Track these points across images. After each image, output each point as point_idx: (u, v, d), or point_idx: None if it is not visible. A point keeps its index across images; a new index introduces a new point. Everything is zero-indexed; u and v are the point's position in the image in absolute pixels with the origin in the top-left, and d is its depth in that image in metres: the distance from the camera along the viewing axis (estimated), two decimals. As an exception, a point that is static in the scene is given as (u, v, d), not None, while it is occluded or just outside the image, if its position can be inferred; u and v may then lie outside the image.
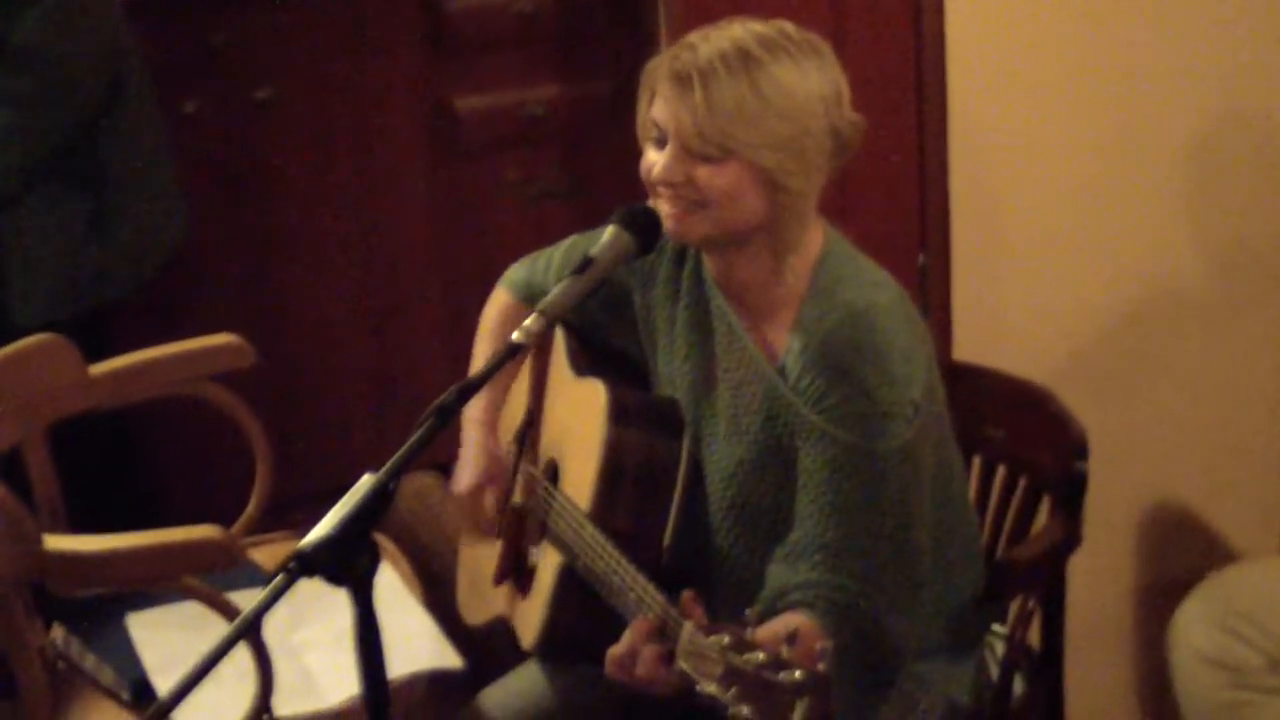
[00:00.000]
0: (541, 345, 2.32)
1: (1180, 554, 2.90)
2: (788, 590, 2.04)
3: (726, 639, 1.65)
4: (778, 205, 2.05)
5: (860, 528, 2.04)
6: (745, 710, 1.58)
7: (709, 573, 2.19)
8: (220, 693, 2.00)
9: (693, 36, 2.07)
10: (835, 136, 2.06)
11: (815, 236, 2.14)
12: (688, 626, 1.75)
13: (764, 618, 1.84)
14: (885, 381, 2.04)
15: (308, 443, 3.81)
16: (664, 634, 1.82)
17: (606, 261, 2.00)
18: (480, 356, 2.47)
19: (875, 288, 2.11)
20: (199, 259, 3.65)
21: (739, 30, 2.06)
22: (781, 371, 2.11)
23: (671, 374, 2.26)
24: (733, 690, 1.61)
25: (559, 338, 2.39)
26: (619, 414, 2.18)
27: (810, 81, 2.03)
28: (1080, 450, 2.40)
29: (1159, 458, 2.85)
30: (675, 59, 2.05)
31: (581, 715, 2.35)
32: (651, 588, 1.93)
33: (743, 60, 2.01)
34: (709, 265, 2.20)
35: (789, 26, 2.08)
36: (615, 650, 1.89)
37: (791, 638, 1.60)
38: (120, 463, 3.31)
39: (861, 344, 2.05)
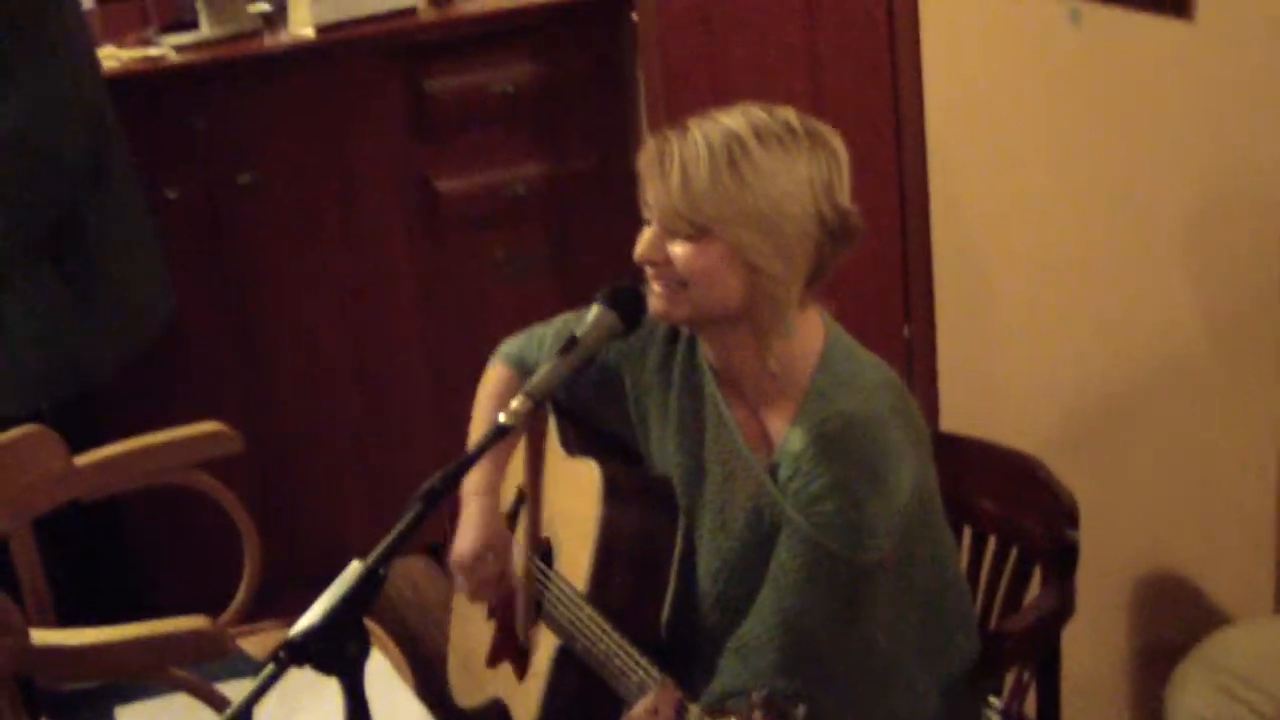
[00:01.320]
0: (534, 425, 2.32)
1: (1174, 618, 2.88)
2: (738, 682, 2.03)
3: None
4: (755, 289, 2.04)
5: (822, 636, 2.04)
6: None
7: (700, 655, 2.18)
8: (211, 784, 1.98)
9: (691, 119, 2.08)
10: (822, 224, 2.05)
11: (813, 328, 2.13)
12: (694, 710, 1.75)
13: (713, 711, 1.83)
14: (877, 494, 2.03)
15: (297, 526, 3.80)
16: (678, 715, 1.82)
17: (591, 341, 2.01)
18: (476, 431, 2.46)
19: (877, 391, 2.10)
20: (186, 342, 3.65)
21: (737, 116, 2.06)
22: (773, 469, 2.10)
23: (663, 458, 2.25)
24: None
25: (550, 419, 2.38)
26: (612, 492, 2.18)
27: (797, 167, 2.03)
28: (1071, 519, 2.40)
29: (1150, 523, 2.85)
30: (664, 140, 2.06)
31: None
32: (655, 670, 1.92)
33: (727, 142, 2.02)
34: (705, 350, 2.20)
35: (792, 115, 2.08)
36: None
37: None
38: (108, 549, 3.30)
39: (860, 455, 2.04)
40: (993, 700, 2.41)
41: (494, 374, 2.48)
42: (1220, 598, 2.75)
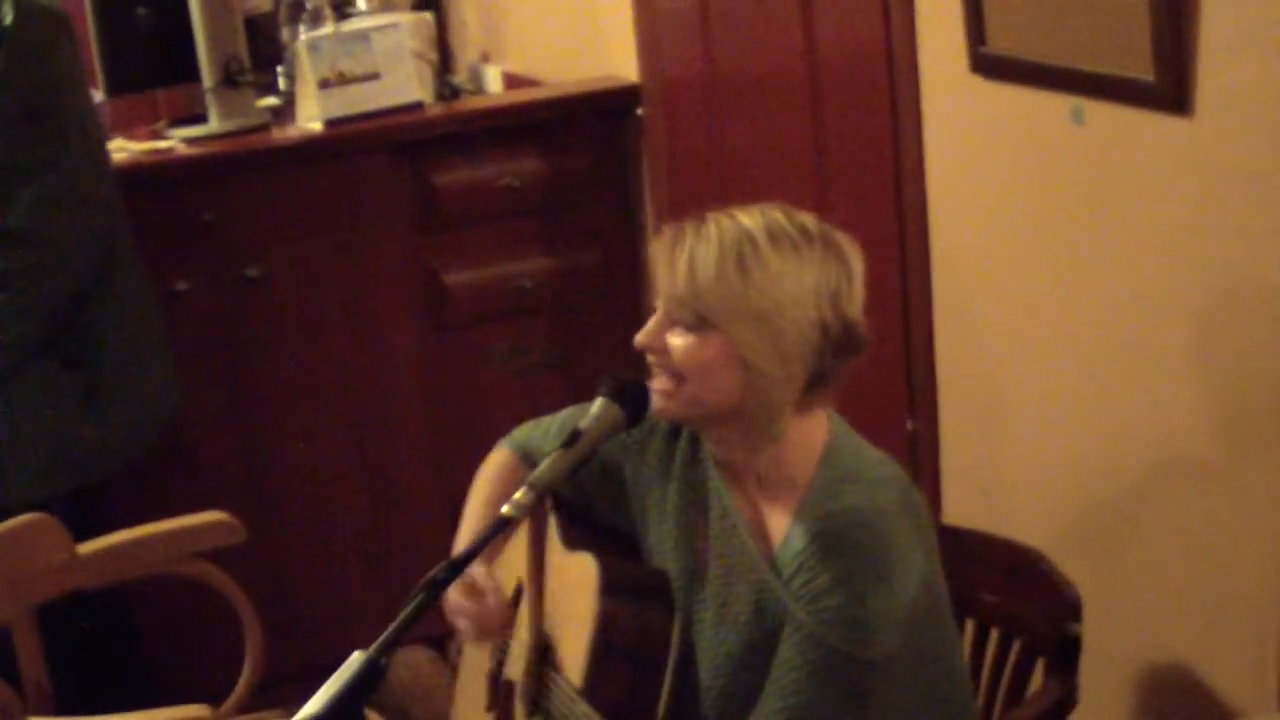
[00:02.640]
0: (535, 517, 2.32)
1: (1177, 713, 2.87)
2: None
3: None
4: (750, 388, 2.04)
5: None
6: None
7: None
8: None
9: (711, 214, 2.09)
10: (824, 331, 2.05)
11: (817, 426, 2.13)
12: None
13: None
14: (882, 590, 2.01)
15: (299, 617, 3.79)
16: None
17: (595, 434, 2.02)
18: (471, 513, 2.45)
19: (883, 486, 2.09)
20: (192, 433, 3.66)
21: (756, 215, 2.07)
22: (775, 564, 2.09)
23: (663, 553, 2.24)
24: None
25: (550, 512, 2.38)
26: (610, 587, 2.17)
27: (805, 272, 2.04)
28: (1074, 612, 2.39)
29: (1153, 618, 2.84)
30: (681, 229, 2.08)
31: None
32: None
33: (738, 239, 2.03)
34: (708, 444, 2.20)
35: (810, 221, 2.09)
36: None
37: None
38: (110, 637, 3.29)
39: (864, 551, 2.03)
40: (996, 795, 2.40)
41: (496, 458, 2.49)
42: (1224, 693, 2.74)
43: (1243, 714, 2.73)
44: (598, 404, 2.05)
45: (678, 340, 2.05)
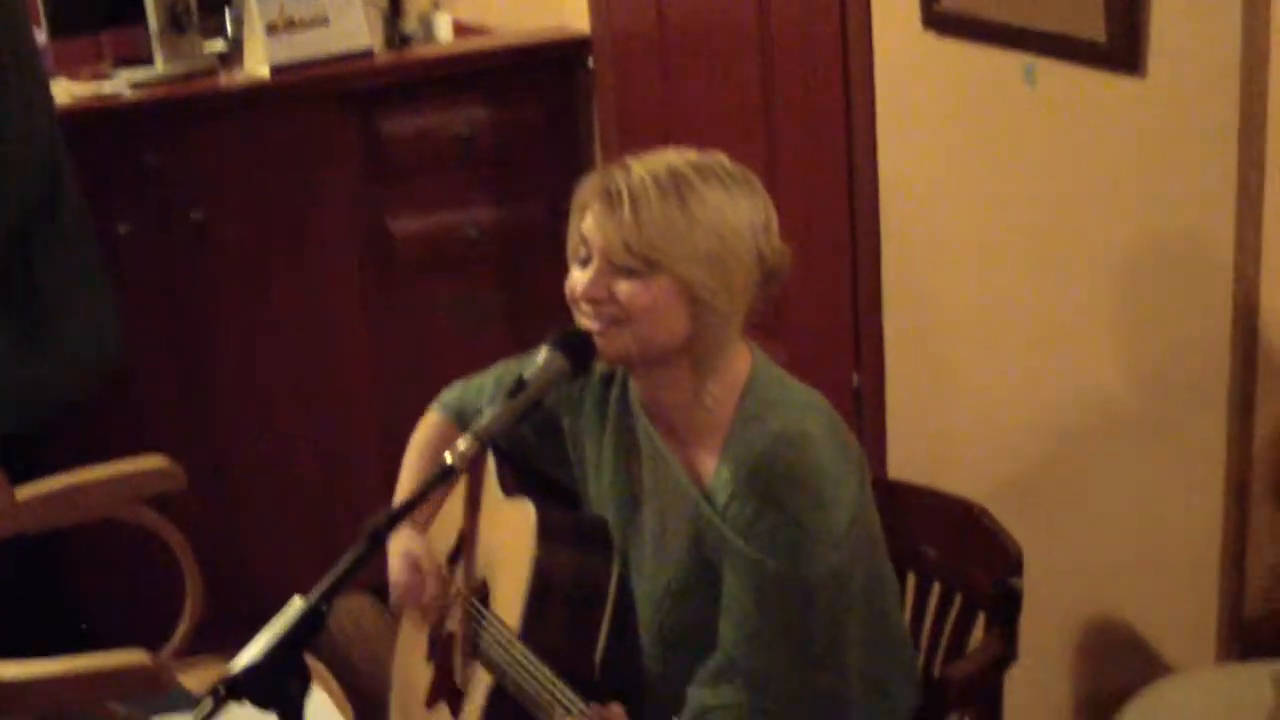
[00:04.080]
0: (474, 467, 2.32)
1: (1116, 667, 2.89)
2: (709, 711, 2.04)
3: None
4: (700, 324, 2.06)
5: (786, 653, 2.04)
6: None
7: (640, 692, 2.18)
8: (147, 821, 1.96)
9: (628, 158, 2.10)
10: (761, 263, 2.09)
11: (741, 360, 2.15)
12: None
13: None
14: (815, 507, 2.04)
15: (240, 562, 3.78)
16: None
17: (540, 384, 2.01)
18: (407, 476, 2.45)
19: (805, 413, 2.11)
20: (134, 376, 3.63)
21: (674, 155, 2.10)
22: (708, 497, 2.11)
23: (600, 498, 2.26)
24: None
25: (490, 461, 2.38)
26: (547, 533, 2.18)
27: (739, 208, 2.07)
28: (1015, 567, 2.41)
29: (1094, 573, 2.86)
30: (608, 176, 2.08)
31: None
32: (580, 703, 1.92)
33: (674, 180, 2.04)
34: (635, 389, 2.21)
35: (723, 158, 2.12)
36: None
37: None
38: (48, 583, 3.27)
39: (791, 471, 2.05)
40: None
41: (429, 422, 2.49)
42: (1162, 647, 2.77)
43: (1181, 668, 2.76)
44: (543, 353, 2.05)
45: (624, 286, 2.05)
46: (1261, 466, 2.60)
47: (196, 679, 2.66)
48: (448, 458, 1.88)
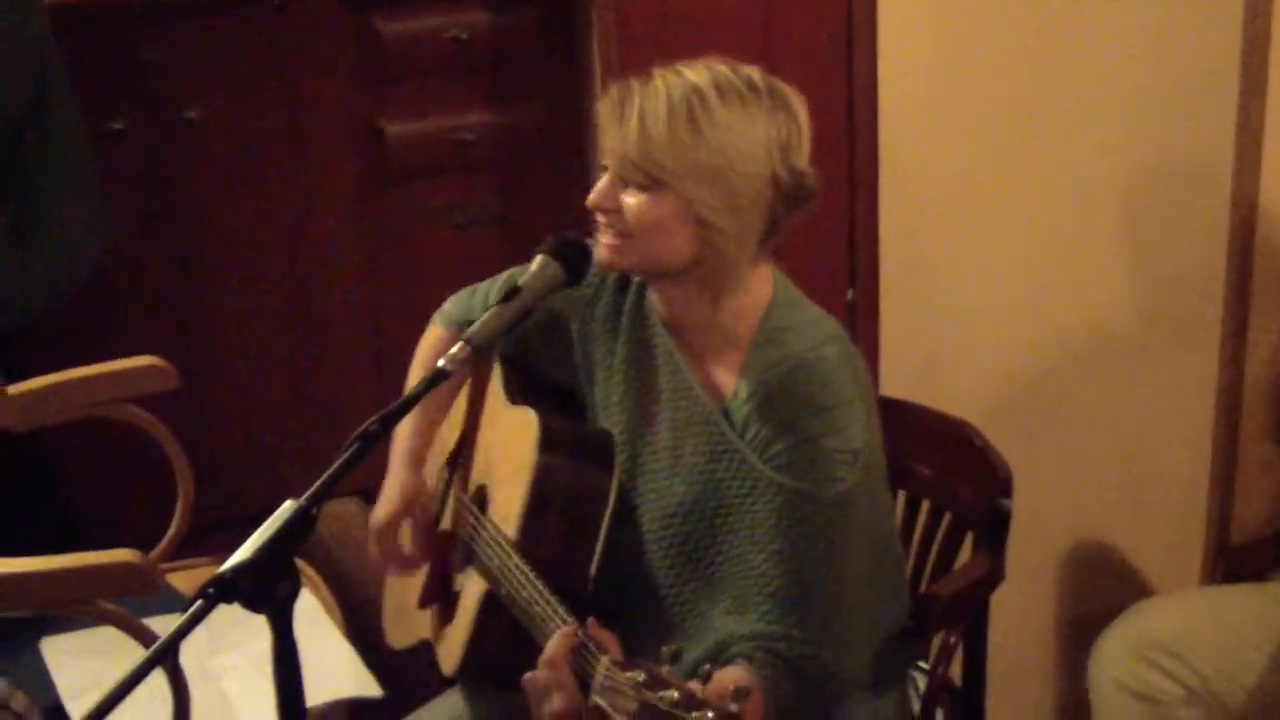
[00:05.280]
0: (477, 374, 2.32)
1: (1102, 588, 2.92)
2: (732, 642, 2.04)
3: (641, 675, 1.65)
4: (705, 244, 2.05)
5: (808, 575, 2.04)
6: (655, 747, 1.58)
7: (638, 609, 2.18)
8: (136, 718, 1.97)
9: (657, 68, 2.08)
10: (775, 184, 2.06)
11: (763, 281, 2.14)
12: (604, 660, 1.74)
13: (624, 665, 1.83)
14: (831, 430, 2.05)
15: (231, 467, 3.78)
16: (581, 661, 1.81)
17: (533, 291, 2.00)
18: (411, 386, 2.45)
19: (823, 339, 2.12)
20: (124, 278, 3.61)
21: (701, 69, 2.07)
22: (726, 415, 2.10)
23: (609, 407, 2.25)
24: (644, 728, 1.61)
25: (496, 367, 2.37)
26: (549, 442, 2.17)
27: (756, 126, 2.04)
28: (1004, 487, 2.42)
29: (1082, 495, 2.87)
30: (626, 87, 2.07)
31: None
32: (571, 621, 1.92)
33: (687, 95, 2.03)
34: (654, 302, 2.20)
35: (755, 73, 2.09)
36: (535, 674, 1.87)
37: (706, 676, 1.60)
38: (38, 484, 3.27)
39: (809, 395, 2.05)
40: (919, 664, 2.43)
41: (432, 335, 2.48)
42: (1148, 569, 2.79)
43: (1166, 590, 2.78)
44: (537, 261, 2.04)
45: (630, 199, 2.05)
46: (1254, 403, 2.61)
47: (187, 580, 2.68)
48: (441, 363, 1.87)
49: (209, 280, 3.80)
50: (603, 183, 2.08)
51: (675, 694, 1.59)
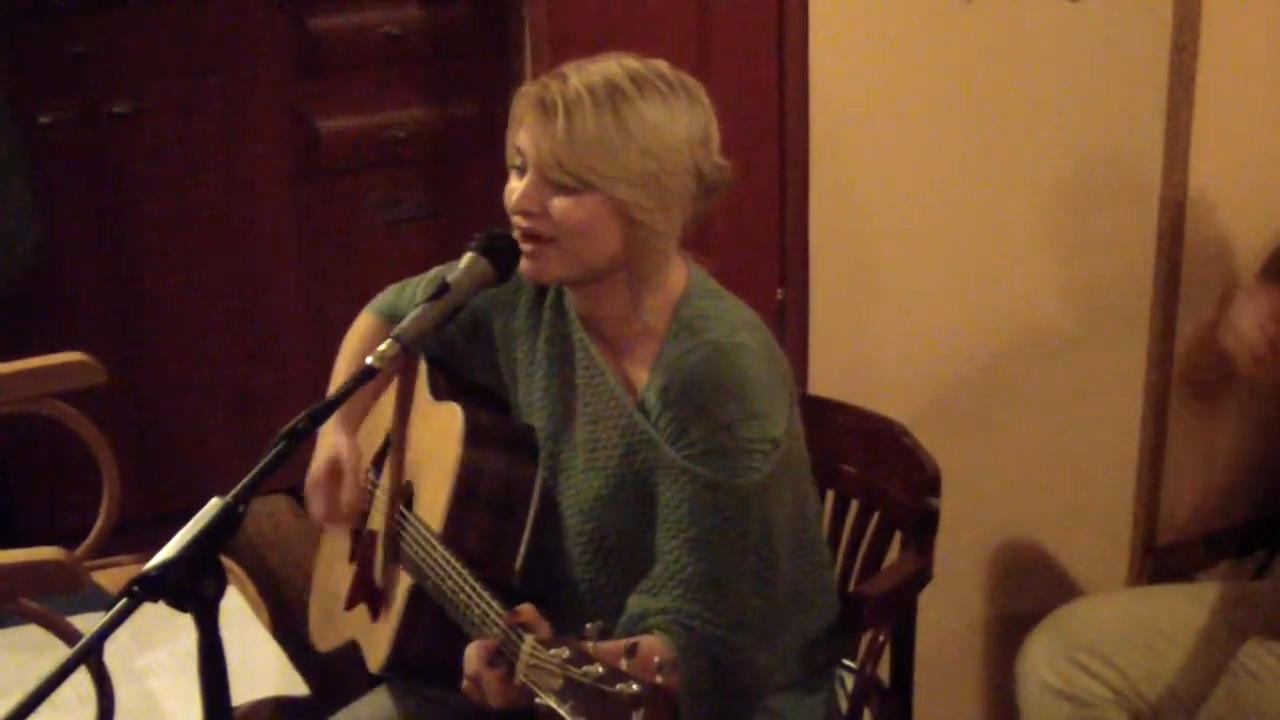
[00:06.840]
0: (404, 371, 2.31)
1: (1028, 588, 2.94)
2: (645, 615, 2.05)
3: (566, 652, 1.66)
4: (634, 242, 2.05)
5: (721, 562, 2.04)
6: (582, 722, 1.59)
7: (564, 602, 2.19)
8: (59, 718, 1.96)
9: (567, 67, 2.07)
10: (699, 178, 2.07)
11: (677, 274, 2.14)
12: (529, 640, 1.75)
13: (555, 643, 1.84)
14: (747, 418, 2.04)
15: (163, 462, 3.76)
16: (503, 653, 1.82)
17: (463, 288, 2.00)
18: (339, 379, 2.44)
19: (739, 326, 2.11)
20: (55, 273, 3.59)
21: (613, 65, 2.06)
22: (642, 407, 2.11)
23: (530, 404, 2.25)
24: (570, 703, 1.62)
25: (422, 366, 2.37)
26: (473, 436, 2.17)
27: (678, 121, 2.03)
28: (933, 486, 2.43)
29: (1009, 493, 2.89)
30: (544, 87, 2.04)
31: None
32: (495, 605, 1.92)
33: (610, 93, 2.01)
34: (571, 298, 2.20)
35: (664, 67, 2.08)
36: (464, 680, 1.88)
37: (630, 650, 1.61)
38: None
39: (723, 381, 2.05)
40: (847, 663, 2.44)
41: (361, 324, 2.46)
42: (1075, 570, 2.81)
43: (1094, 589, 2.80)
44: (466, 258, 2.03)
45: (557, 203, 2.03)
46: (1181, 400, 2.64)
47: (112, 578, 2.66)
48: (369, 360, 1.87)
49: (143, 273, 3.78)
50: (525, 185, 2.05)
51: (600, 669, 1.60)
